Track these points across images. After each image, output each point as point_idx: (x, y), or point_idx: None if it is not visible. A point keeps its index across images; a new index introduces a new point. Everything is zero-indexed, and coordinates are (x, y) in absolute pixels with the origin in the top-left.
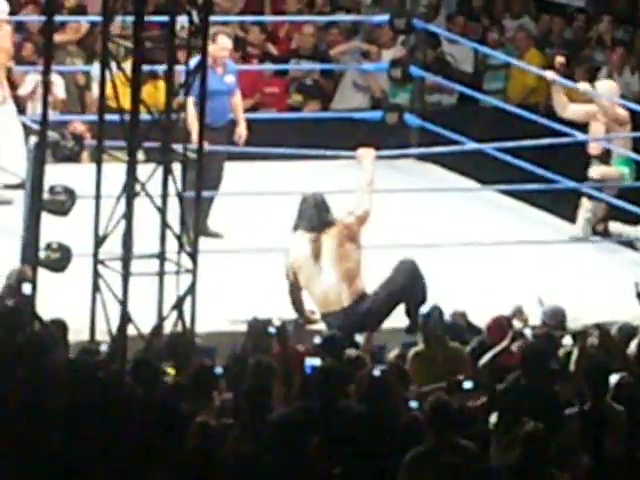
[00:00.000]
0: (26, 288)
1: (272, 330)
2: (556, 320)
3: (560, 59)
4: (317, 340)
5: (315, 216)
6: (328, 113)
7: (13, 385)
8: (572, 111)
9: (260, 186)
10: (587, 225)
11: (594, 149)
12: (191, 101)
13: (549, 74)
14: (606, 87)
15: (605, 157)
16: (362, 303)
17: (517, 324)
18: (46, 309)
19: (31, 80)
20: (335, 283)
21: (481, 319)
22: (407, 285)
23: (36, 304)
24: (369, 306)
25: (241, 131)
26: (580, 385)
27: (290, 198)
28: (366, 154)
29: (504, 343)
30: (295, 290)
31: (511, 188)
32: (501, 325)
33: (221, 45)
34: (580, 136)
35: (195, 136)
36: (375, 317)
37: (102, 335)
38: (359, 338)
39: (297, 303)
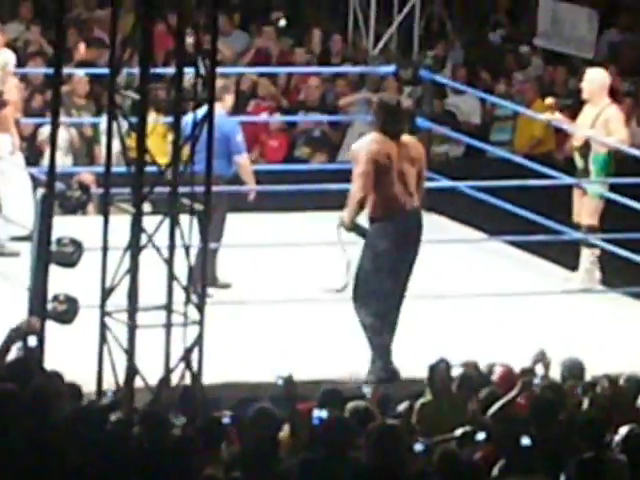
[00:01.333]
0: (31, 341)
1: (279, 381)
2: (574, 372)
3: (550, 100)
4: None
5: (390, 121)
6: (335, 165)
7: (20, 437)
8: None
9: (266, 238)
10: (587, 275)
11: (577, 140)
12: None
13: (545, 116)
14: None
15: (585, 150)
16: (419, 209)
17: (539, 369)
18: (53, 361)
19: (46, 130)
20: (408, 187)
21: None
22: None
23: (44, 356)
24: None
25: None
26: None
27: (297, 249)
28: None
29: (512, 393)
30: (367, 185)
31: (517, 239)
32: (510, 376)
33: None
34: (585, 183)
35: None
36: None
37: (109, 387)
38: (366, 389)
39: (359, 201)
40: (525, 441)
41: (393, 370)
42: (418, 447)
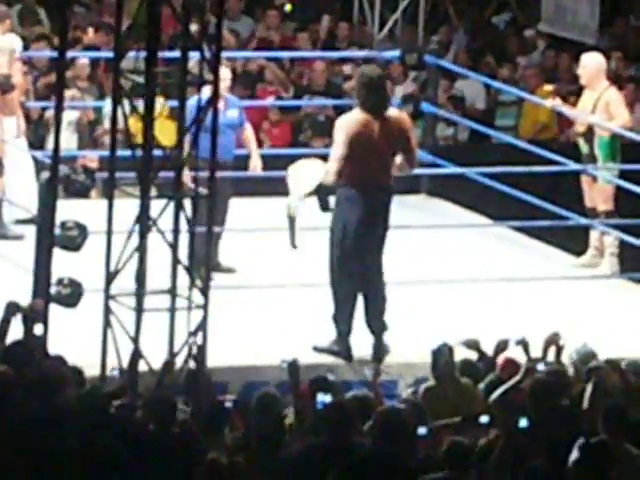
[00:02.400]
0: (38, 329)
1: (284, 365)
2: (585, 361)
3: (549, 87)
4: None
5: (371, 97)
6: None
7: (21, 421)
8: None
9: (270, 222)
10: (614, 260)
11: (580, 125)
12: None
13: (548, 103)
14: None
15: (589, 135)
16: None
17: (551, 351)
18: (57, 345)
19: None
20: (383, 164)
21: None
22: None
23: (47, 340)
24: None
25: (255, 162)
26: (592, 421)
27: (299, 234)
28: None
29: (516, 378)
30: (340, 160)
31: (522, 224)
32: (514, 362)
33: (221, 76)
34: (590, 169)
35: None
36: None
37: (113, 367)
38: (367, 372)
39: (336, 173)
40: (523, 423)
41: (348, 347)
42: (422, 431)
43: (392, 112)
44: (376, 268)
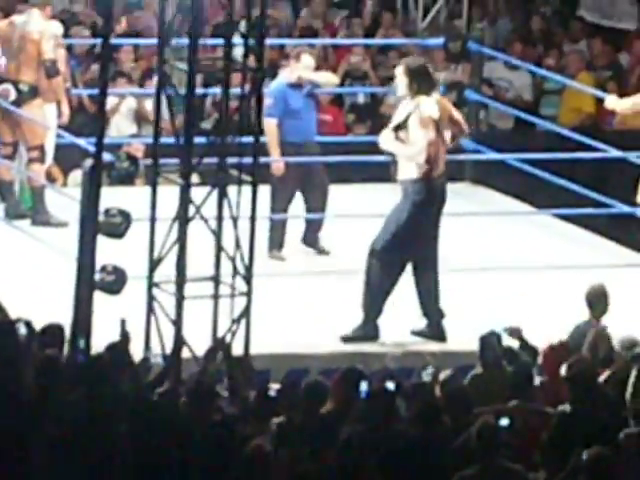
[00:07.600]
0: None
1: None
2: (629, 349)
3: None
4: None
5: (425, 84)
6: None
7: (68, 408)
8: (621, 104)
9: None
10: None
11: None
12: (273, 122)
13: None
14: None
15: None
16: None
17: (601, 345)
18: (101, 332)
19: (112, 99)
20: (445, 150)
21: (535, 343)
22: None
23: (92, 327)
24: None
25: None
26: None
27: (345, 221)
28: None
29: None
30: (433, 144)
31: (566, 212)
32: (557, 352)
33: (305, 63)
34: (633, 157)
35: (276, 155)
36: None
37: (156, 358)
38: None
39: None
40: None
41: (376, 328)
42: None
43: (439, 97)
44: (435, 255)
